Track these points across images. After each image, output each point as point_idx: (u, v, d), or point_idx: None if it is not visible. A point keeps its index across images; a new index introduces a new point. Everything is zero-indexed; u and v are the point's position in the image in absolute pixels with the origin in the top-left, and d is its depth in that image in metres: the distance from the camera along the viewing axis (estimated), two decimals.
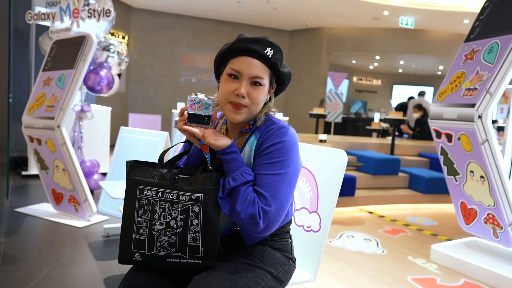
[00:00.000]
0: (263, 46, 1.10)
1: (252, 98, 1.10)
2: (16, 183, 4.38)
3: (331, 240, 3.25)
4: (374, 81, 13.61)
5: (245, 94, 1.09)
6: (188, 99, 1.08)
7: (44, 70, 3.40)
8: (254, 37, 1.12)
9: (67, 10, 3.36)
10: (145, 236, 1.08)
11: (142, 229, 1.08)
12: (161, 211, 1.08)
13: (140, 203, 1.09)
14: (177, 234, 1.07)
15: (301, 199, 1.63)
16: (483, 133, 2.68)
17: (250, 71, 1.09)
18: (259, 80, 1.10)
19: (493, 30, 2.81)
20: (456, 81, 2.98)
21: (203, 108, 1.08)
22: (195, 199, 1.07)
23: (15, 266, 2.30)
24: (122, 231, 1.10)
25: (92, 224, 3.14)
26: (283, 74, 1.17)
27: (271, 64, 1.12)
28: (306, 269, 1.49)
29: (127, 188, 1.11)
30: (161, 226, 1.07)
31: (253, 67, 1.09)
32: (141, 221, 1.08)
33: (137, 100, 9.42)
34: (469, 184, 2.89)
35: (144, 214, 1.08)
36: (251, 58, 1.10)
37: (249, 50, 1.10)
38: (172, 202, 1.08)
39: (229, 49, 1.13)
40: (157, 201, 1.08)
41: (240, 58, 1.10)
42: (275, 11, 8.76)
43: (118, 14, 7.80)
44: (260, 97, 1.12)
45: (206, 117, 1.08)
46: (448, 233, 3.72)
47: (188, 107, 1.08)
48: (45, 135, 3.17)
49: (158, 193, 1.08)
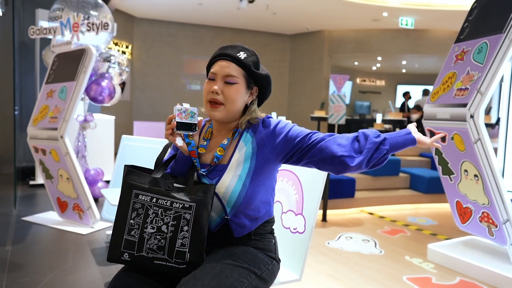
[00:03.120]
0: (237, 50, 1.25)
1: (226, 95, 1.22)
2: (24, 192, 4.51)
3: (329, 241, 3.30)
4: (377, 82, 13.61)
5: (219, 91, 1.21)
6: (175, 109, 1.17)
7: (47, 82, 3.52)
8: (231, 44, 1.27)
9: (67, 24, 3.48)
10: (136, 238, 1.14)
11: (133, 231, 1.15)
12: (154, 216, 1.15)
13: (134, 207, 1.16)
14: (167, 238, 1.14)
15: (288, 202, 1.69)
16: (475, 132, 2.72)
17: (223, 71, 1.22)
18: (231, 78, 1.22)
19: (481, 31, 2.85)
20: (448, 82, 3.02)
21: (189, 117, 1.18)
22: (187, 208, 1.15)
23: (21, 272, 2.39)
24: (113, 231, 1.17)
25: (95, 231, 3.23)
26: (258, 75, 1.27)
27: (243, 65, 1.24)
28: (292, 269, 1.55)
29: (123, 191, 1.19)
30: (153, 229, 1.14)
31: (226, 67, 1.22)
32: (133, 223, 1.15)
33: (142, 108, 9.56)
34: (463, 183, 2.93)
35: (137, 217, 1.15)
36: (225, 61, 1.24)
37: (223, 54, 1.24)
38: (165, 208, 1.15)
39: (211, 59, 1.28)
40: (151, 206, 1.15)
41: (216, 62, 1.25)
42: (275, 16, 8.86)
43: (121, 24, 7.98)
44: (234, 95, 1.22)
45: (193, 124, 1.18)
46: (447, 232, 3.74)
47: (176, 116, 1.17)
48: (49, 146, 3.28)
49: (152, 198, 1.16)
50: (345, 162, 1.18)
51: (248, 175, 1.23)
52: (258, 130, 1.26)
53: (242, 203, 1.23)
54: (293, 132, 1.24)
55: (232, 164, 1.24)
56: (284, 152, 1.24)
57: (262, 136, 1.25)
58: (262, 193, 1.27)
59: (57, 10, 3.87)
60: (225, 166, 1.25)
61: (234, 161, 1.24)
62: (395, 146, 1.20)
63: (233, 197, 1.22)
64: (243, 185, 1.22)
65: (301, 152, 1.22)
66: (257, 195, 1.25)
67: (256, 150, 1.24)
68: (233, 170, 1.23)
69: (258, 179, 1.25)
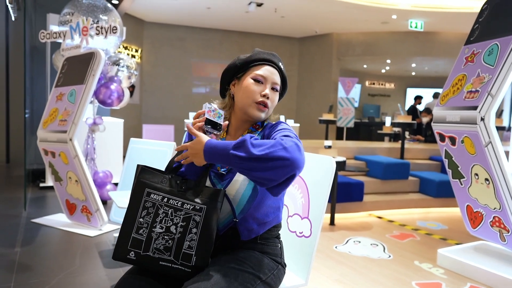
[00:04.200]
0: (278, 60, 1.35)
1: (272, 100, 1.31)
2: (34, 194, 4.56)
3: (337, 245, 3.26)
4: (387, 85, 13.51)
5: (269, 95, 1.29)
6: (205, 106, 1.19)
7: (56, 86, 3.56)
8: (273, 52, 1.36)
9: (76, 28, 3.52)
10: (144, 236, 1.14)
11: (142, 230, 1.14)
12: (164, 216, 1.15)
13: (145, 205, 1.16)
14: (175, 239, 1.13)
15: (294, 206, 1.68)
16: (486, 135, 2.67)
17: (273, 78, 1.31)
18: (277, 86, 1.32)
19: (492, 32, 2.81)
20: (458, 84, 2.98)
21: (216, 117, 1.20)
22: (198, 210, 1.15)
23: (29, 274, 2.41)
24: (122, 228, 1.17)
25: (103, 233, 3.25)
26: (286, 87, 1.38)
27: (283, 75, 1.35)
28: (298, 274, 1.53)
29: (134, 189, 1.19)
30: (161, 229, 1.14)
31: (275, 74, 1.32)
32: (142, 221, 1.15)
33: (151, 111, 9.62)
34: (474, 187, 2.88)
35: (147, 216, 1.15)
36: (272, 67, 1.32)
37: (270, 61, 1.32)
38: (175, 209, 1.15)
39: (251, 58, 1.32)
40: (162, 206, 1.15)
41: (264, 66, 1.31)
42: (283, 19, 8.86)
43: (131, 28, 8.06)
44: (276, 101, 1.34)
45: (219, 125, 1.20)
46: (458, 237, 3.68)
47: (206, 112, 1.19)
48: (59, 148, 3.31)
49: (164, 198, 1.16)
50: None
51: None
52: (264, 131, 1.30)
53: (252, 207, 1.22)
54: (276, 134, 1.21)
55: None
56: None
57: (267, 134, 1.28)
58: (272, 198, 1.27)
59: (67, 15, 3.92)
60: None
61: None
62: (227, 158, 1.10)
63: (243, 201, 1.21)
64: (254, 188, 1.22)
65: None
66: (267, 199, 1.25)
67: None
68: None
69: None
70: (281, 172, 1.03)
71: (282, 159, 1.02)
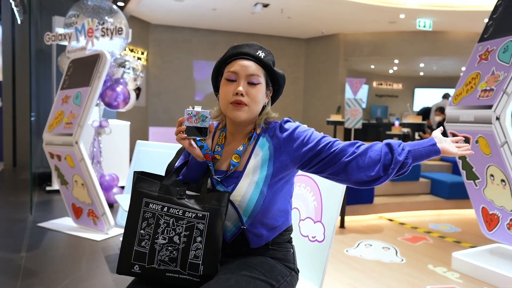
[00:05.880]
0: (254, 49, 1.18)
1: (251, 96, 1.15)
2: (40, 198, 4.53)
3: (348, 249, 3.19)
4: (394, 85, 13.39)
5: (244, 92, 1.14)
6: (185, 112, 1.10)
7: (62, 88, 3.53)
8: (247, 43, 1.19)
9: (82, 30, 3.49)
10: (147, 249, 1.09)
11: (144, 242, 1.09)
12: (165, 226, 1.09)
13: (145, 216, 1.10)
14: (179, 249, 1.08)
15: (306, 209, 1.61)
16: (501, 135, 2.59)
17: (246, 70, 1.15)
18: (254, 78, 1.15)
19: (507, 29, 2.73)
20: (472, 83, 2.89)
21: (200, 121, 1.10)
22: (201, 217, 1.09)
23: (34, 280, 2.37)
24: (123, 241, 1.12)
25: (109, 237, 3.21)
26: (278, 74, 1.21)
27: (264, 64, 1.17)
28: (311, 280, 1.47)
29: (132, 200, 1.13)
30: (164, 240, 1.08)
31: (248, 67, 1.15)
32: (143, 233, 1.09)
33: (157, 113, 9.61)
34: (489, 189, 2.79)
35: (148, 227, 1.10)
36: (245, 60, 1.16)
37: (242, 53, 1.16)
38: (177, 218, 1.09)
39: (223, 57, 1.19)
40: (162, 216, 1.09)
41: (235, 61, 1.16)
42: (289, 20, 8.80)
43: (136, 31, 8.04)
44: (259, 95, 1.16)
45: (203, 129, 1.10)
46: (472, 240, 3.58)
47: (186, 120, 1.10)
48: (64, 151, 3.28)
49: (164, 207, 1.10)
50: (369, 184, 1.16)
51: (265, 182, 1.16)
52: (275, 135, 1.19)
53: (260, 212, 1.15)
54: (313, 138, 1.16)
55: (248, 170, 1.17)
56: (303, 159, 1.16)
57: (280, 141, 1.18)
58: (280, 201, 1.20)
59: (72, 17, 3.90)
60: (241, 173, 1.18)
61: (250, 167, 1.18)
62: (418, 158, 1.15)
63: (250, 206, 1.15)
64: (261, 192, 1.15)
65: (320, 162, 1.15)
66: (275, 203, 1.18)
67: (273, 155, 1.17)
68: (249, 176, 1.16)
69: (275, 186, 1.17)
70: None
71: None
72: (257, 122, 1.21)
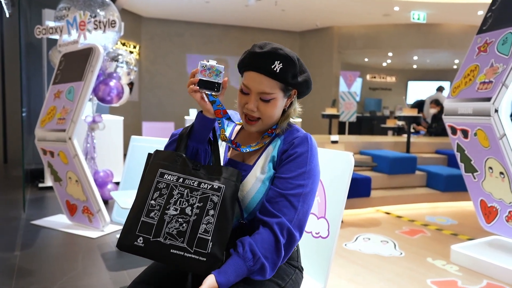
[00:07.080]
0: (271, 60, 1.08)
1: (262, 112, 1.12)
2: (33, 195, 4.45)
3: (347, 243, 3.17)
4: (388, 78, 13.40)
5: (255, 108, 1.11)
6: (199, 64, 1.06)
7: (54, 83, 3.45)
8: (263, 51, 1.08)
9: (73, 23, 3.40)
10: (155, 219, 1.02)
11: (153, 212, 1.03)
12: (179, 197, 1.04)
13: (158, 186, 1.06)
14: (190, 222, 1.02)
15: None
16: (500, 127, 2.58)
17: (257, 88, 1.10)
18: (267, 95, 1.10)
19: (506, 21, 2.71)
20: (470, 75, 2.88)
21: (213, 75, 1.06)
22: (216, 189, 1.05)
23: (29, 279, 2.32)
24: (130, 212, 1.05)
25: (105, 235, 3.15)
26: (298, 85, 1.14)
27: (279, 79, 1.10)
28: (316, 277, 1.44)
29: (147, 171, 1.09)
30: (175, 211, 1.03)
31: (260, 83, 1.09)
32: (154, 204, 1.04)
33: (150, 108, 9.51)
34: (488, 181, 2.79)
35: (160, 198, 1.04)
36: (259, 74, 1.09)
37: (256, 66, 1.09)
38: (192, 189, 1.05)
39: (242, 62, 1.14)
40: (177, 186, 1.05)
41: (249, 73, 1.11)
42: (283, 12, 8.73)
43: (128, 24, 7.92)
44: (272, 111, 1.12)
45: (216, 84, 1.06)
46: (469, 232, 3.59)
47: (199, 72, 1.06)
48: (58, 147, 3.21)
49: (179, 178, 1.06)
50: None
51: (270, 181, 1.13)
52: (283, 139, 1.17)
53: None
54: (298, 171, 1.10)
55: (256, 166, 1.15)
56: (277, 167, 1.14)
57: (281, 148, 1.15)
58: None
59: (63, 9, 3.80)
60: (250, 167, 1.15)
61: (260, 164, 1.15)
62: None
63: (253, 202, 1.12)
64: (265, 191, 1.12)
65: (274, 179, 1.13)
66: None
67: (276, 157, 1.15)
68: (257, 173, 1.14)
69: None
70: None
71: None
72: (279, 124, 1.18)
